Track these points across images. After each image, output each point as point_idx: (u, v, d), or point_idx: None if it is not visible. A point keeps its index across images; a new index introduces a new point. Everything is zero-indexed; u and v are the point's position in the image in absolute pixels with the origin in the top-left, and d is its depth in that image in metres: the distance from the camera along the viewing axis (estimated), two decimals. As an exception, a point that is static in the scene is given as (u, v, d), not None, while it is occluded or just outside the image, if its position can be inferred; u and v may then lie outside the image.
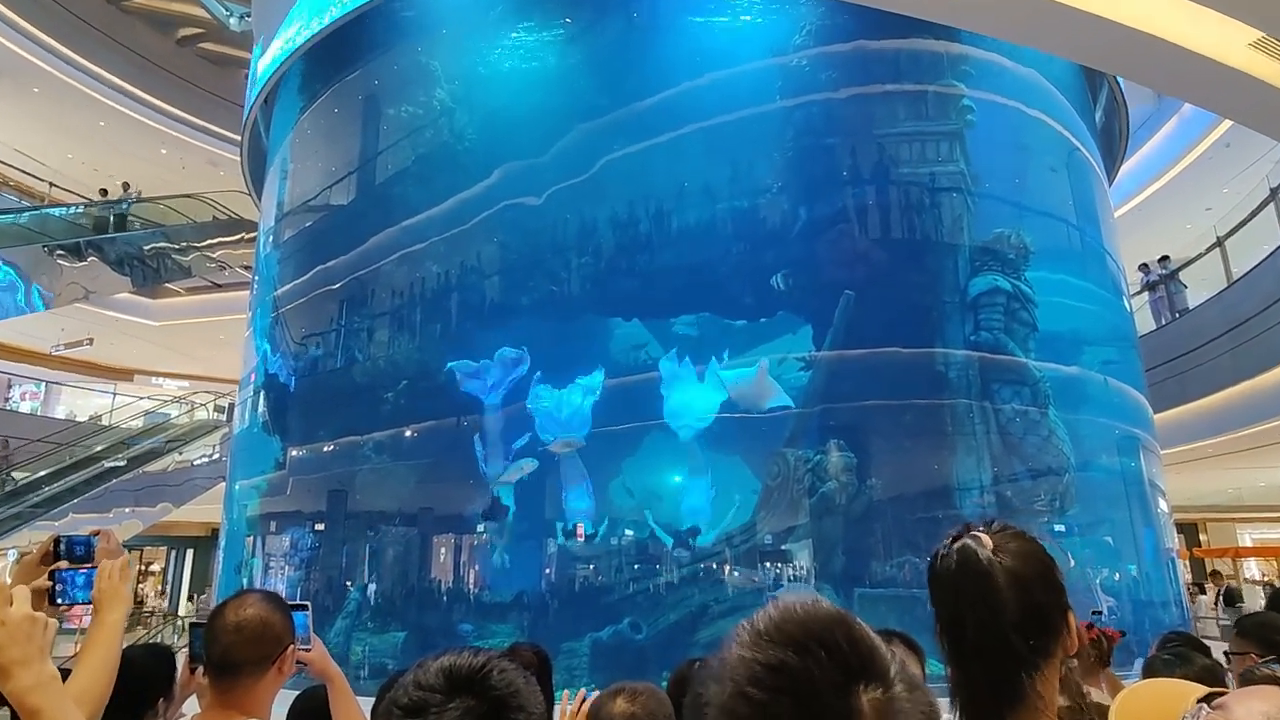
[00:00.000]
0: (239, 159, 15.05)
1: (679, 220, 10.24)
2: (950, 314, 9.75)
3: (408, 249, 10.60)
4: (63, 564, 1.87)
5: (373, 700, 2.18)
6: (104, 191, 20.62)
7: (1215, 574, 18.16)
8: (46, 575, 1.81)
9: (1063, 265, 10.77)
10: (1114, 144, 13.51)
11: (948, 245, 9.94)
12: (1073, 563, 9.06)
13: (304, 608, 2.21)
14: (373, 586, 10.12)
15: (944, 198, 9.97)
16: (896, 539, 9.16)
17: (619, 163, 10.12)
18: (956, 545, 1.38)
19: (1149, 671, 2.90)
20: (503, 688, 1.06)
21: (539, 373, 10.06)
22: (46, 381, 25.88)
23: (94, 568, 1.79)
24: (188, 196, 20.95)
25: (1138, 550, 10.30)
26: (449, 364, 10.11)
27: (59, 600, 1.76)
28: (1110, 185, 13.19)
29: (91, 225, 18.72)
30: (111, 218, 19.03)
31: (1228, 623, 13.88)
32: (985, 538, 1.37)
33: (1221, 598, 15.69)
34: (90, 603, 1.74)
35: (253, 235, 16.12)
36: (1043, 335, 9.85)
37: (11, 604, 1.29)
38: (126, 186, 20.57)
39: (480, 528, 9.95)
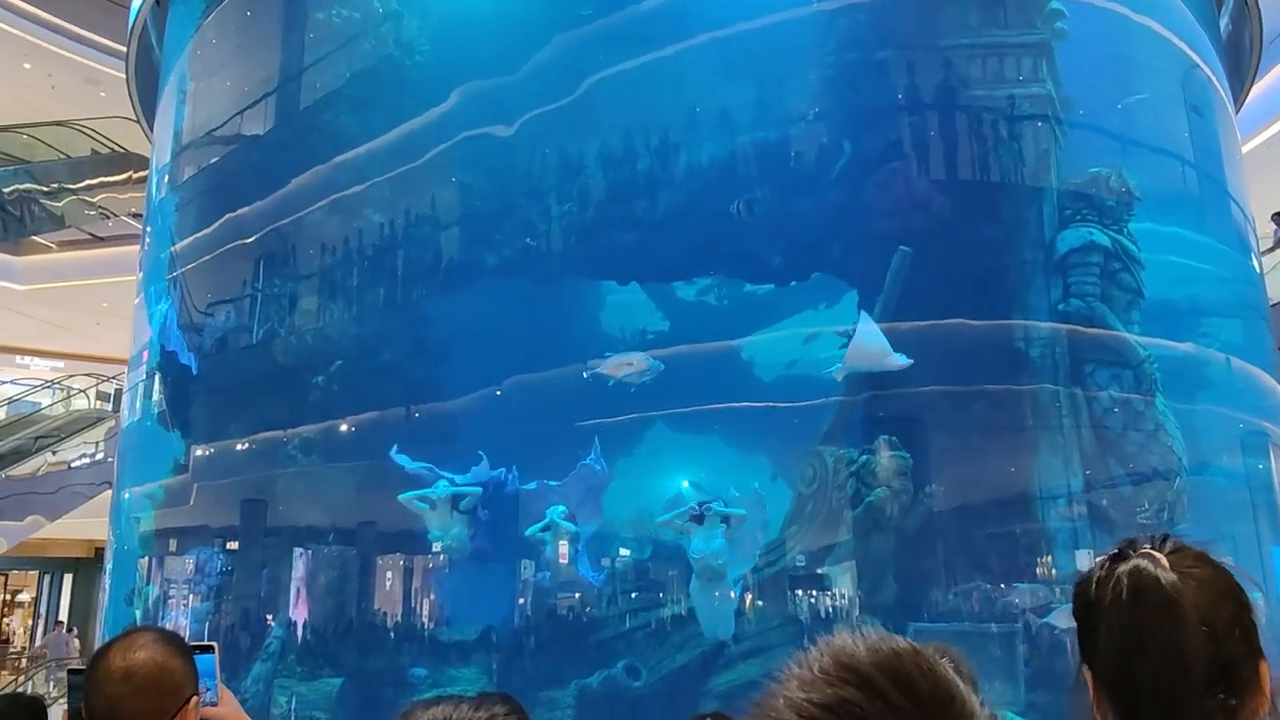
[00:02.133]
0: (124, 76, 14.91)
1: (688, 156, 10.26)
2: (1032, 276, 9.77)
3: (342, 193, 10.60)
4: None
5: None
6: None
7: None
8: None
9: (1176, 215, 10.76)
10: (1243, 60, 13.44)
11: (1030, 189, 9.95)
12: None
13: (209, 649, 2.23)
14: (300, 621, 10.17)
15: (1026, 128, 9.95)
16: (962, 560, 9.26)
17: (611, 83, 10.07)
18: (1125, 568, 1.35)
19: None
20: None
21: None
22: (-118, 362, 25.82)
23: None
24: (59, 124, 20.76)
25: (1265, 573, 10.36)
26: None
27: None
28: (1237, 112, 13.12)
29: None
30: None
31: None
32: (1162, 558, 1.34)
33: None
34: None
35: (143, 175, 16.04)
36: (1149, 304, 9.90)
37: None
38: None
39: (436, 548, 9.98)
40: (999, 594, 8.99)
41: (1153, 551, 1.34)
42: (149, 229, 13.51)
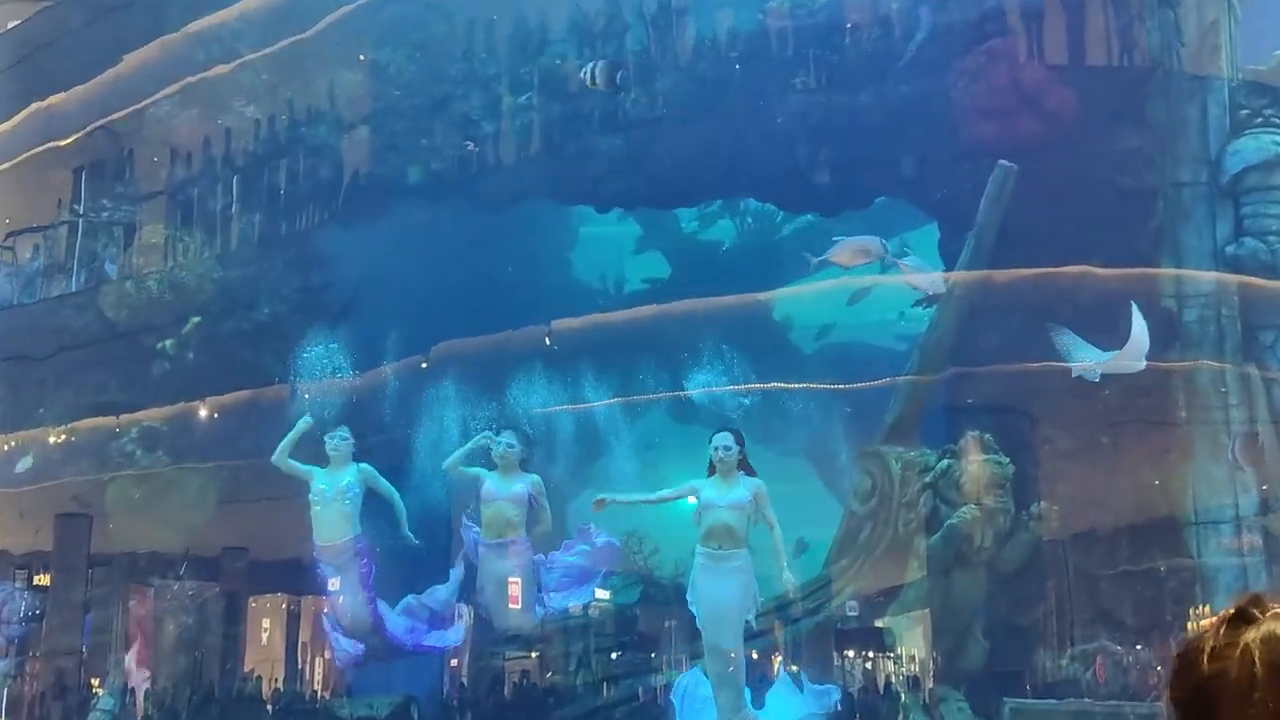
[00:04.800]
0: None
1: (700, 29, 10.22)
2: (1191, 206, 9.67)
3: (200, 75, 10.47)
4: None
5: None
6: None
7: None
8: None
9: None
10: None
11: (1189, 80, 9.83)
12: None
13: None
14: (140, 686, 10.16)
15: (1184, -8, 9.83)
16: (1082, 609, 9.23)
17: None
18: (1255, 634, 1.30)
19: None
20: None
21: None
22: None
23: None
24: None
25: None
26: None
27: None
28: None
29: None
30: None
31: None
32: None
33: None
34: None
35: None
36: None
37: None
38: None
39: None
40: (1134, 659, 8.93)
41: None
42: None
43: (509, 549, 9.25)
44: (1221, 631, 1.33)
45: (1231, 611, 1.35)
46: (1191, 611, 9.13)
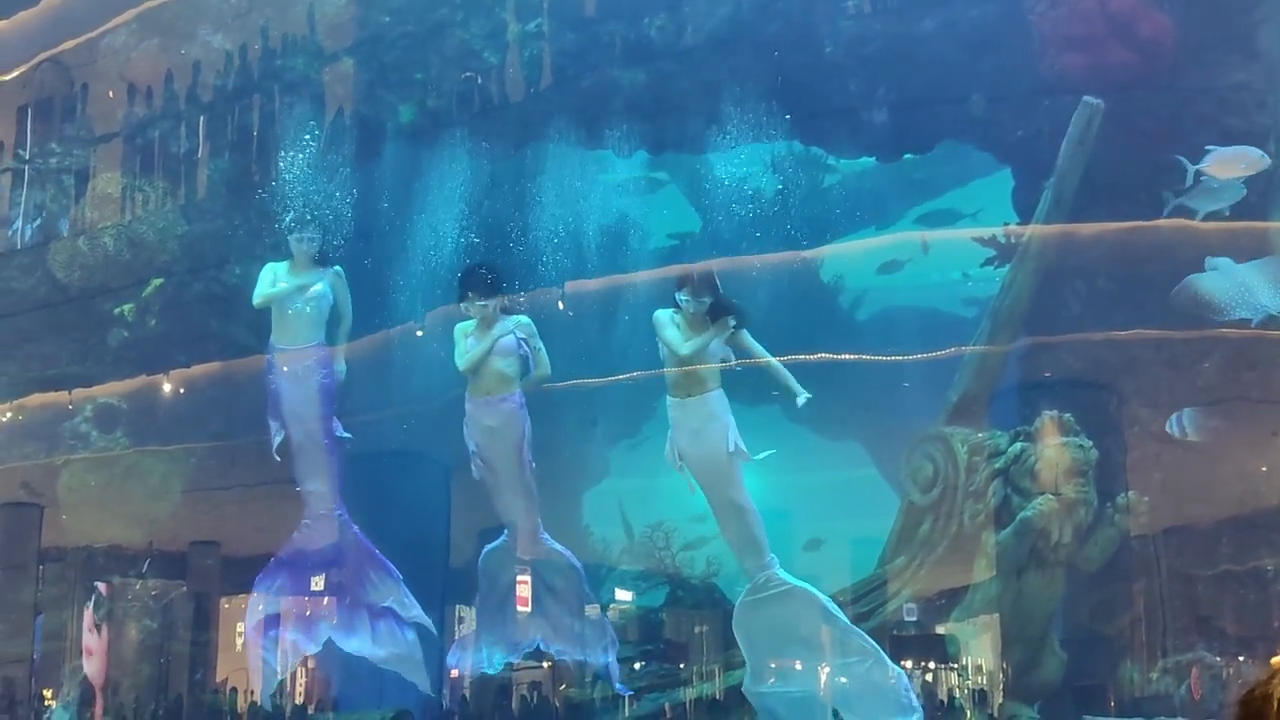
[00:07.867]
0: None
1: None
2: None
3: None
4: None
5: None
6: None
7: None
8: None
9: None
10: None
11: None
12: None
13: None
14: (98, 699, 10.20)
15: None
16: (1175, 615, 9.25)
17: None
18: None
19: None
20: None
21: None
22: None
23: None
24: None
25: None
26: None
27: None
28: None
29: None
30: None
31: None
32: None
33: None
34: None
35: None
36: None
37: None
38: None
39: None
40: (1236, 672, 8.90)
41: None
42: None
43: (500, 406, 9.32)
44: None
45: None
46: (1305, 617, 9.22)
